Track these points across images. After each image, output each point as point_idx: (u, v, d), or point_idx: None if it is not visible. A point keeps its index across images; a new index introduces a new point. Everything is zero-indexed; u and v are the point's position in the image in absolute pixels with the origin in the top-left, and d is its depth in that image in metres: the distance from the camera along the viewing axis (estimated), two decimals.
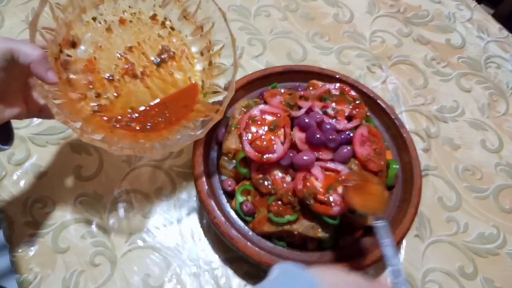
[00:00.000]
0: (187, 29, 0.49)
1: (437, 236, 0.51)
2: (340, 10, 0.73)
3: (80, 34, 0.43)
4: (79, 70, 0.43)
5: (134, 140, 0.41)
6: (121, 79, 0.45)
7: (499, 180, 0.57)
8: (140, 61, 0.46)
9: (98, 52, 0.44)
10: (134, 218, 0.48)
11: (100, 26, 0.45)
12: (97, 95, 0.43)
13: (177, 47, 0.48)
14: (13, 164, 0.50)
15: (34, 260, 0.44)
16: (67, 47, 0.42)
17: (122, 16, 0.46)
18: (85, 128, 0.38)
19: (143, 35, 0.47)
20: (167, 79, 0.47)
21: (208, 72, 0.48)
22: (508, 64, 0.70)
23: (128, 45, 0.46)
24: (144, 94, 0.46)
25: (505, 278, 0.49)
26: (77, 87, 0.42)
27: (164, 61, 0.47)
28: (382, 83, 0.64)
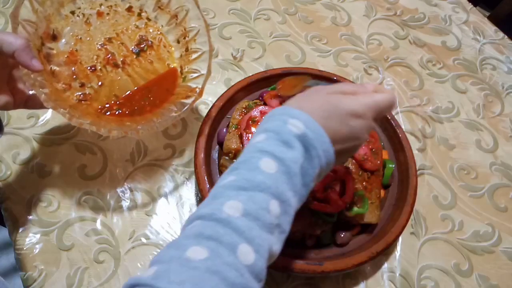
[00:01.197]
0: (162, 18, 0.51)
1: (432, 234, 0.52)
2: (338, 14, 0.74)
3: (60, 28, 0.45)
4: (62, 62, 0.45)
5: (121, 123, 0.44)
6: (103, 69, 0.47)
7: (494, 180, 0.58)
8: (120, 51, 0.49)
9: (78, 44, 0.46)
10: (137, 216, 0.49)
11: (79, 20, 0.47)
12: (81, 85, 0.46)
13: (154, 37, 0.51)
14: (18, 164, 0.51)
15: (39, 258, 0.45)
16: (48, 41, 0.44)
17: (99, 9, 0.49)
18: (72, 113, 0.40)
19: (121, 26, 0.50)
20: (147, 67, 0.49)
21: (186, 58, 0.50)
22: (503, 66, 0.72)
23: (107, 37, 0.49)
24: (126, 82, 0.48)
25: (500, 276, 0.50)
26: (61, 78, 0.44)
27: (143, 50, 0.50)
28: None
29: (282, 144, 0.29)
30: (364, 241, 0.47)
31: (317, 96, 0.32)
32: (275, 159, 0.28)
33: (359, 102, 0.32)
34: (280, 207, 0.28)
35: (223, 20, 0.69)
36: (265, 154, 0.29)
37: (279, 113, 0.31)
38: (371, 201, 0.47)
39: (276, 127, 0.30)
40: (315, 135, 0.30)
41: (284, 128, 0.30)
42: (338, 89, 0.33)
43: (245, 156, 0.30)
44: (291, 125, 0.30)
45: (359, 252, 0.44)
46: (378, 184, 0.49)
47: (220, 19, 0.69)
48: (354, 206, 0.45)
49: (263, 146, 0.29)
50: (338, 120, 0.31)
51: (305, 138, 0.30)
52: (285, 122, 0.30)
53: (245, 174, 0.28)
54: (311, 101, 0.32)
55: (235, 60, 0.65)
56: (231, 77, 0.62)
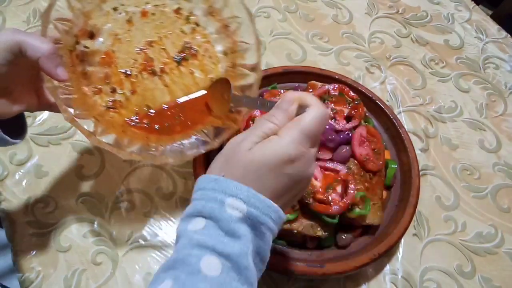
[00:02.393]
0: (212, 26, 0.45)
1: (435, 235, 0.51)
2: (339, 11, 0.73)
3: (99, 25, 0.41)
4: (96, 63, 0.41)
5: (145, 142, 0.39)
6: (139, 75, 0.42)
7: (497, 180, 0.57)
8: (160, 57, 0.43)
9: (116, 44, 0.42)
10: (135, 217, 0.48)
11: (121, 17, 0.42)
12: (112, 90, 0.41)
13: (200, 45, 0.45)
14: (15, 164, 0.50)
15: (36, 259, 0.44)
16: (85, 38, 0.40)
17: (145, 7, 0.43)
18: (96, 128, 0.37)
19: (165, 30, 0.44)
20: (187, 79, 0.44)
21: (230, 75, 0.44)
22: (506, 65, 0.71)
23: (148, 40, 0.43)
24: (161, 92, 0.43)
25: (503, 277, 0.49)
26: (92, 80, 0.40)
27: (185, 58, 0.44)
28: (381, 83, 0.65)
29: (225, 234, 0.25)
30: (366, 243, 0.46)
31: (238, 156, 0.27)
32: (218, 257, 0.24)
33: (285, 144, 0.27)
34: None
35: None
36: (206, 251, 0.24)
37: (211, 187, 0.27)
38: (373, 202, 0.46)
39: (213, 212, 0.26)
40: (259, 211, 0.26)
41: (222, 213, 0.26)
42: (264, 136, 0.28)
43: (183, 252, 0.25)
44: (230, 208, 0.26)
45: (361, 254, 0.43)
46: (380, 185, 0.48)
47: None
48: (356, 207, 0.45)
49: (203, 239, 0.25)
50: (272, 175, 0.27)
51: (250, 218, 0.26)
52: (222, 204, 0.26)
53: (185, 282, 0.24)
54: (236, 166, 0.27)
55: None
56: None
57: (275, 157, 0.27)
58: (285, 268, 0.41)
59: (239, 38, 0.43)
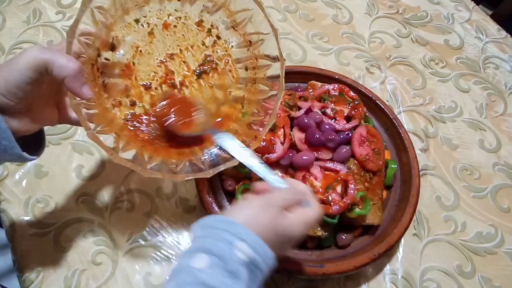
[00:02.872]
0: (234, 40, 0.44)
1: (435, 235, 0.51)
2: (339, 11, 0.73)
3: (120, 36, 0.40)
4: (116, 75, 0.40)
5: (166, 158, 0.39)
6: (159, 87, 0.42)
7: (497, 180, 0.57)
8: (180, 70, 0.43)
9: (137, 57, 0.41)
10: (135, 217, 0.48)
11: (142, 29, 0.41)
12: (132, 103, 0.41)
13: (221, 58, 0.44)
14: (15, 164, 0.50)
15: (36, 259, 0.44)
16: (106, 50, 0.39)
17: (167, 20, 0.42)
18: (116, 144, 0.36)
19: (186, 42, 0.43)
20: (206, 92, 0.44)
21: (250, 90, 0.43)
22: (506, 65, 0.71)
23: (169, 52, 0.42)
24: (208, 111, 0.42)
25: (503, 277, 0.49)
26: (112, 92, 0.40)
27: (206, 72, 0.43)
28: (381, 83, 0.65)
29: (228, 275, 0.28)
30: (366, 243, 0.46)
31: (265, 217, 0.31)
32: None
33: (298, 228, 0.33)
34: None
35: None
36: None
37: (223, 228, 0.30)
38: (373, 202, 0.46)
39: (221, 252, 0.28)
40: (262, 258, 0.30)
41: (231, 254, 0.28)
42: (282, 207, 0.33)
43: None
44: (238, 251, 0.28)
45: (361, 254, 0.43)
46: (380, 185, 0.48)
47: None
48: (356, 207, 0.45)
49: (208, 279, 0.27)
50: (279, 245, 0.32)
51: (252, 264, 0.29)
52: (231, 245, 0.28)
53: None
54: (259, 222, 0.31)
55: None
56: None
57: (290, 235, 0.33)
58: (285, 268, 0.41)
59: (261, 54, 0.43)
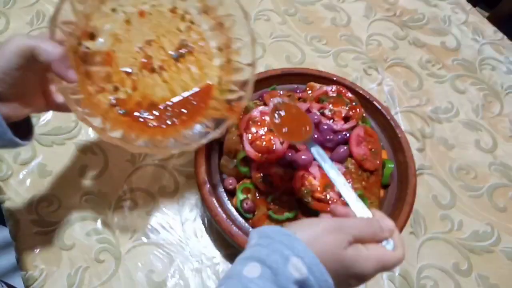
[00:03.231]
0: (206, 24, 0.47)
1: (431, 233, 0.52)
2: (338, 14, 0.75)
3: (98, 26, 0.42)
4: (98, 63, 0.42)
5: (151, 136, 0.41)
6: (139, 72, 0.44)
7: (493, 179, 0.58)
8: (158, 55, 0.45)
9: (116, 44, 0.43)
10: (138, 216, 0.49)
11: (119, 18, 0.44)
12: (115, 88, 0.43)
13: (195, 42, 0.47)
14: (19, 164, 0.51)
15: (40, 257, 0.45)
16: (86, 39, 0.41)
17: (142, 8, 0.45)
18: (104, 125, 0.38)
19: (162, 29, 0.46)
20: (185, 74, 0.46)
21: (226, 69, 0.46)
22: (502, 66, 0.72)
23: (146, 38, 0.45)
24: (161, 88, 0.45)
25: (500, 275, 0.50)
26: (95, 79, 0.42)
27: (183, 55, 0.46)
28: (378, 85, 0.66)
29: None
30: None
31: (332, 242, 0.29)
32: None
33: (371, 267, 0.29)
34: None
35: None
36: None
37: (280, 240, 0.28)
38: (371, 201, 0.47)
39: (275, 264, 0.27)
40: (317, 282, 0.27)
41: (284, 269, 0.27)
42: (355, 237, 0.29)
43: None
44: (293, 267, 0.27)
45: None
46: (377, 184, 0.49)
47: None
48: None
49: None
50: (343, 278, 0.29)
51: (304, 285, 0.27)
52: (286, 260, 0.27)
53: None
54: (323, 244, 0.28)
55: None
56: None
57: (359, 272, 0.29)
58: None
59: (234, 35, 0.45)
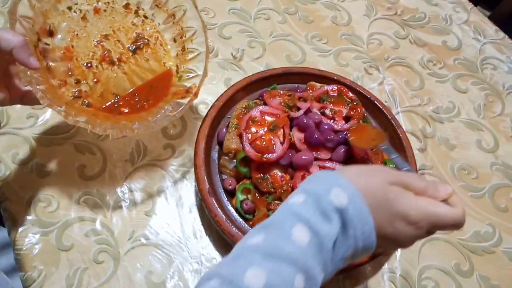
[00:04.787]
0: (159, 17, 0.51)
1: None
2: (338, 13, 0.74)
3: (56, 23, 0.45)
4: (58, 58, 0.45)
5: (116, 123, 0.44)
6: (99, 65, 0.48)
7: (494, 180, 0.58)
8: (116, 48, 0.49)
9: (75, 40, 0.47)
10: (137, 216, 0.49)
11: (76, 15, 0.47)
12: (77, 81, 0.46)
13: (151, 35, 0.51)
14: (17, 164, 0.51)
15: (38, 258, 0.45)
16: (45, 36, 0.44)
17: (96, 5, 0.48)
18: (68, 111, 0.40)
19: (118, 24, 0.50)
20: (143, 65, 0.50)
21: (182, 57, 0.51)
22: (504, 66, 0.72)
23: (103, 33, 0.49)
24: (122, 79, 0.48)
25: (501, 276, 0.50)
26: (56, 74, 0.44)
27: (139, 48, 0.50)
28: (379, 84, 0.66)
29: (320, 214, 0.27)
30: None
31: (376, 178, 0.28)
32: (309, 229, 0.26)
33: (417, 208, 0.27)
34: (305, 282, 0.25)
35: (223, 19, 0.69)
36: (300, 221, 0.27)
37: (325, 176, 0.29)
38: None
39: (317, 192, 0.28)
40: (357, 213, 0.27)
41: (326, 196, 0.27)
42: (402, 180, 0.29)
43: (278, 217, 0.28)
44: (334, 195, 0.27)
45: None
46: None
47: (220, 19, 0.69)
48: None
49: (300, 211, 0.27)
50: (386, 216, 0.28)
51: (345, 214, 0.27)
52: (329, 190, 0.28)
53: (275, 240, 0.26)
54: (367, 181, 0.28)
55: (235, 60, 0.64)
56: (231, 76, 0.62)
57: (401, 208, 0.27)
58: None
59: (186, 24, 0.50)
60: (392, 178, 0.29)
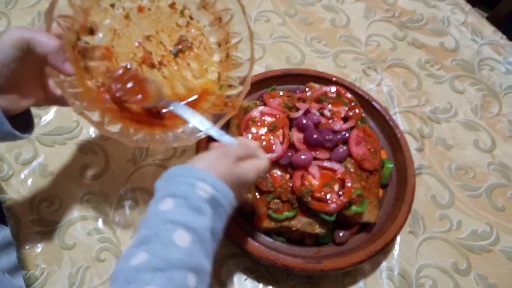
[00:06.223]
0: (205, 19, 0.48)
1: (430, 233, 0.52)
2: (337, 15, 0.75)
3: (98, 21, 0.42)
4: (97, 58, 0.42)
5: (150, 131, 0.41)
6: (139, 68, 0.45)
7: (492, 179, 0.58)
8: (157, 50, 0.46)
9: (116, 40, 0.44)
10: (139, 215, 0.49)
11: (118, 13, 0.44)
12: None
13: (195, 37, 0.47)
14: (21, 164, 0.51)
15: (41, 257, 0.45)
16: (85, 34, 0.41)
17: (141, 3, 0.45)
18: (102, 119, 0.38)
19: (161, 24, 0.46)
20: (185, 69, 0.47)
21: (225, 64, 0.47)
22: (501, 66, 0.72)
23: (146, 34, 0.45)
24: (161, 84, 0.45)
25: (498, 275, 0.50)
26: (94, 74, 0.42)
27: (182, 51, 0.47)
28: (377, 85, 0.66)
29: (193, 211, 0.30)
30: (363, 240, 0.47)
31: (223, 164, 0.34)
32: (188, 230, 0.29)
33: (252, 174, 0.36)
34: (196, 277, 0.28)
35: None
36: (178, 226, 0.29)
37: (184, 175, 0.32)
38: (370, 201, 0.47)
39: (184, 193, 0.31)
40: (222, 196, 0.32)
41: (193, 193, 0.31)
42: (237, 157, 0.36)
43: (155, 228, 0.29)
44: (200, 190, 0.31)
45: (358, 250, 0.44)
46: (376, 184, 0.49)
47: None
48: (353, 205, 0.46)
49: (174, 216, 0.29)
50: (237, 188, 0.35)
51: (214, 200, 0.31)
52: (193, 186, 0.31)
53: (160, 252, 0.27)
54: (217, 167, 0.34)
55: None
56: None
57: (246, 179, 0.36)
58: (284, 264, 0.42)
59: (232, 30, 0.46)
60: (231, 160, 0.35)
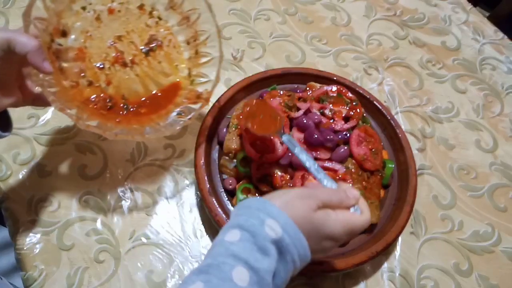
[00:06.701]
0: (173, 19, 0.50)
1: (432, 234, 0.52)
2: (338, 14, 0.74)
3: (70, 23, 0.45)
4: (71, 59, 0.44)
5: (127, 126, 0.43)
6: (112, 67, 0.47)
7: (494, 179, 0.58)
8: (129, 50, 0.48)
9: (88, 41, 0.46)
10: (137, 216, 0.49)
11: (90, 15, 0.46)
12: (89, 83, 0.45)
13: (164, 36, 0.50)
14: (19, 164, 0.51)
15: (39, 258, 0.45)
16: (58, 36, 0.43)
17: (111, 5, 0.48)
18: (80, 115, 0.40)
19: (132, 25, 0.49)
20: (156, 67, 0.49)
21: (195, 61, 0.50)
22: (503, 66, 0.72)
23: (117, 34, 0.48)
24: (134, 81, 0.48)
25: (500, 276, 0.50)
26: (69, 75, 0.44)
27: (152, 49, 0.49)
28: (378, 84, 0.66)
29: (258, 250, 0.29)
30: (364, 241, 0.47)
31: (301, 206, 0.31)
32: (249, 269, 0.28)
33: (340, 228, 0.32)
34: None
35: (223, 20, 0.69)
36: (239, 262, 0.28)
37: (256, 207, 0.31)
38: (371, 201, 0.47)
39: (252, 227, 0.29)
40: (292, 240, 0.30)
41: (260, 230, 0.29)
42: (322, 202, 0.32)
43: (217, 259, 0.28)
44: (268, 228, 0.29)
45: (359, 251, 0.44)
46: (378, 184, 0.49)
47: (220, 19, 0.68)
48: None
49: (238, 251, 0.28)
50: (315, 238, 0.31)
51: (281, 243, 0.29)
52: (262, 222, 0.30)
53: (216, 285, 0.27)
54: (294, 208, 0.31)
55: (235, 60, 0.65)
56: (231, 77, 0.62)
57: (329, 231, 0.32)
58: None
59: (200, 28, 0.49)
60: (314, 203, 0.32)
